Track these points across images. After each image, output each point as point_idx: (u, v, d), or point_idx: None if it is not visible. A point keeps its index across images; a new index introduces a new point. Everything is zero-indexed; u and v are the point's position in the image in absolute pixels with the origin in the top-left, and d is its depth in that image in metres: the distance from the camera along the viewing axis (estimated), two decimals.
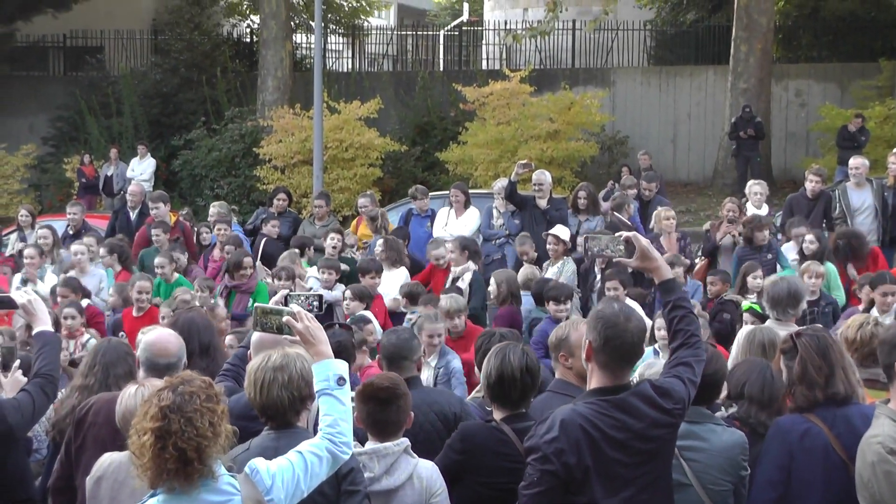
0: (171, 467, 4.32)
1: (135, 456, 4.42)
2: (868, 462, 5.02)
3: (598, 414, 5.08)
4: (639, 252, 5.56)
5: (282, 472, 4.63)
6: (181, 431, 4.31)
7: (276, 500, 4.56)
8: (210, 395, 4.45)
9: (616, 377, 5.18)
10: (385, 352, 6.91)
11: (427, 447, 5.91)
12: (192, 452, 4.32)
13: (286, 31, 29.64)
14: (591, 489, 5.04)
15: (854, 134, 24.10)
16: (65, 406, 6.84)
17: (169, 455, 4.30)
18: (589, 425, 5.05)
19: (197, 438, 4.33)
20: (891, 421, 5.07)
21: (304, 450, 4.76)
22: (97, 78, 31.93)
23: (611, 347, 5.13)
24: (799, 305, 8.77)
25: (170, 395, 4.38)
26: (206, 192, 27.65)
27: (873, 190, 15.46)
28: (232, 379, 6.69)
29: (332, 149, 25.86)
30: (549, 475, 5.02)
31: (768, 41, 27.41)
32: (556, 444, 5.01)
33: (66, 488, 6.39)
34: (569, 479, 5.03)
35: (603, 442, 5.05)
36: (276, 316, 5.29)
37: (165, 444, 4.30)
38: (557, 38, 31.55)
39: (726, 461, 5.72)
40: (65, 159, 29.03)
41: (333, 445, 4.80)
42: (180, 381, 4.47)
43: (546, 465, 5.02)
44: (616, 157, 28.41)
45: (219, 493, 4.45)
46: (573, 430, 5.03)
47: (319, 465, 4.76)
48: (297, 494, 4.68)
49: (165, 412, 4.34)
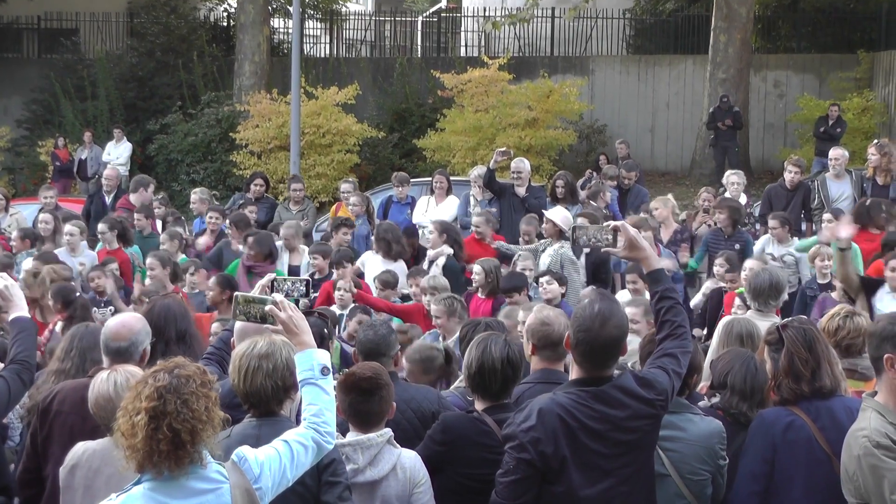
0: (164, 448, 4.25)
1: (123, 437, 4.33)
2: (854, 455, 5.00)
3: (577, 404, 5.08)
4: (626, 241, 5.54)
5: (269, 460, 4.61)
6: (177, 412, 4.25)
7: (263, 489, 4.55)
8: (205, 381, 4.41)
9: (594, 371, 5.17)
10: (362, 347, 6.83)
11: (404, 444, 5.85)
12: (187, 435, 4.27)
13: (264, 16, 29.50)
14: (569, 479, 5.04)
15: (831, 125, 24.18)
16: (40, 391, 6.75)
17: (162, 435, 4.24)
18: (567, 415, 5.05)
19: (192, 420, 4.27)
20: (878, 414, 5.04)
21: (290, 439, 4.75)
22: (72, 61, 31.65)
23: (583, 349, 5.15)
24: (780, 297, 8.75)
25: (166, 377, 4.33)
26: (182, 176, 27.58)
27: (852, 181, 15.51)
28: (216, 363, 6.64)
29: (310, 134, 25.83)
30: (524, 464, 5.04)
31: (747, 31, 27.43)
32: (533, 432, 5.02)
33: (33, 480, 6.31)
34: (545, 469, 5.04)
35: (581, 432, 5.05)
36: (258, 305, 5.25)
37: (160, 424, 4.24)
38: (536, 26, 31.45)
39: (704, 450, 5.71)
40: (39, 142, 28.86)
41: (318, 435, 4.80)
42: (175, 365, 4.42)
43: (522, 454, 5.04)
44: (594, 146, 28.44)
45: (207, 481, 4.40)
46: (550, 420, 5.03)
47: (305, 454, 4.75)
48: (283, 483, 4.68)
49: (161, 392, 4.28)
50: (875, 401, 5.14)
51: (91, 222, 16.25)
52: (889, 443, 4.93)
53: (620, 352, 5.23)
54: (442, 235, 13.20)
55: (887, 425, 4.99)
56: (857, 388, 6.63)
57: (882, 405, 5.09)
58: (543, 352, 6.14)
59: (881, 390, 5.16)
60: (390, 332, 7.02)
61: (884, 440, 4.94)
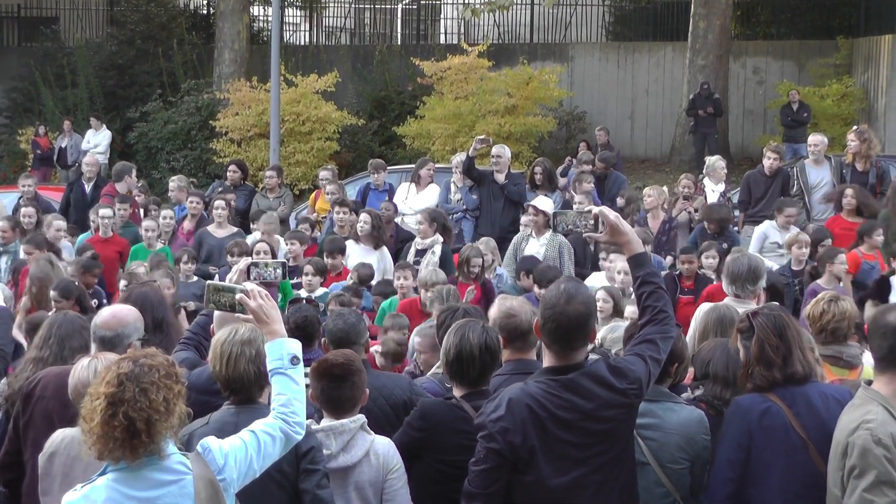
0: (118, 436, 4.25)
1: (84, 420, 4.35)
2: (852, 439, 5.01)
3: (546, 394, 5.09)
4: (608, 226, 5.50)
5: (234, 451, 4.59)
6: (133, 400, 4.25)
7: (228, 480, 4.53)
8: (170, 374, 4.39)
9: (564, 357, 5.18)
10: (332, 336, 6.81)
11: (376, 432, 5.83)
12: (142, 423, 4.26)
13: (243, 4, 29.40)
14: (538, 468, 5.06)
15: (796, 110, 24.32)
16: (18, 379, 6.76)
17: (118, 423, 4.24)
18: (536, 405, 5.06)
19: (148, 410, 4.26)
20: (884, 409, 5.03)
21: (258, 429, 4.72)
22: (52, 49, 31.48)
23: (549, 328, 5.16)
24: (758, 282, 8.73)
25: (129, 364, 4.33)
26: (162, 164, 27.50)
27: (832, 167, 15.51)
28: (193, 348, 6.63)
29: (289, 122, 25.76)
30: (494, 453, 5.07)
31: (727, 18, 27.47)
32: (502, 422, 5.05)
33: (13, 464, 6.35)
34: (514, 458, 5.06)
35: (549, 422, 5.06)
36: (228, 293, 5.22)
37: (116, 410, 4.24)
38: (516, 13, 31.41)
39: (683, 439, 5.71)
40: (19, 130, 28.73)
41: (287, 425, 4.76)
42: (143, 354, 4.42)
43: (491, 444, 5.07)
44: (574, 133, 28.41)
45: (169, 472, 4.40)
46: (519, 410, 5.05)
47: (273, 444, 4.72)
48: (250, 474, 4.66)
49: (122, 379, 4.28)
50: (880, 394, 5.12)
51: (71, 210, 16.25)
52: (890, 443, 4.94)
53: (588, 335, 5.23)
54: (432, 224, 13.16)
55: (893, 423, 5.01)
56: (842, 375, 6.64)
57: (887, 399, 5.09)
58: (514, 343, 6.11)
59: (886, 383, 5.14)
60: (359, 320, 7.02)
61: (886, 440, 4.95)
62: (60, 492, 5.38)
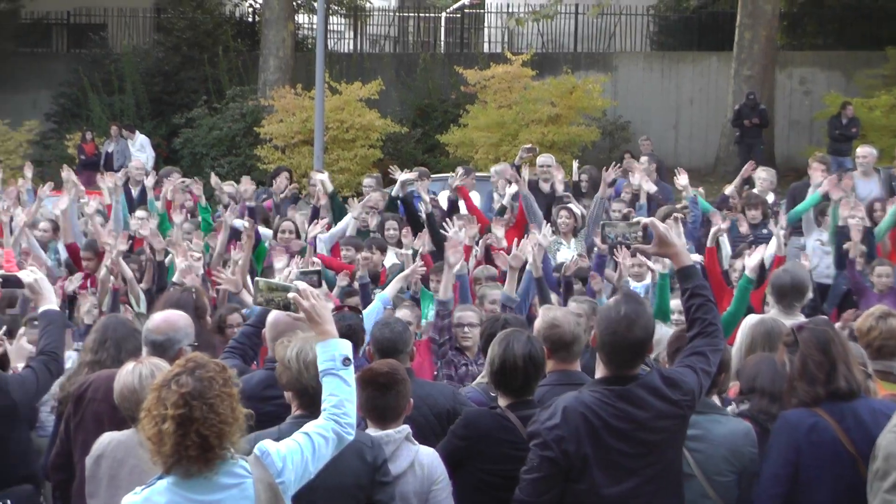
0: (193, 454, 4.28)
1: (151, 443, 4.34)
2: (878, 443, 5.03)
3: (602, 403, 5.09)
4: (657, 238, 5.49)
5: (291, 453, 4.59)
6: (204, 419, 4.27)
7: (286, 482, 4.53)
8: (227, 381, 4.41)
9: (620, 371, 5.18)
10: (378, 345, 6.82)
11: (420, 441, 5.83)
12: (215, 438, 4.29)
13: (288, 12, 29.63)
14: (592, 477, 5.05)
15: (846, 124, 24.06)
16: (73, 382, 6.81)
17: (191, 442, 4.26)
18: (591, 414, 5.06)
19: (220, 425, 4.30)
20: None
21: (311, 431, 4.72)
22: (100, 55, 31.83)
23: (609, 351, 5.16)
24: (804, 297, 8.61)
25: (189, 381, 4.32)
26: (207, 170, 27.48)
27: (880, 179, 15.36)
28: (239, 357, 6.66)
29: (333, 129, 25.85)
30: (548, 462, 5.05)
31: (773, 28, 27.33)
32: (557, 431, 5.04)
33: (65, 465, 6.41)
34: (568, 467, 5.05)
35: (604, 431, 5.05)
36: (281, 293, 5.21)
37: (187, 431, 4.26)
38: (560, 22, 31.44)
39: (729, 451, 5.65)
40: (67, 136, 28.97)
41: (339, 426, 4.76)
42: (195, 365, 4.40)
43: (546, 452, 5.05)
44: (617, 143, 28.34)
45: (230, 476, 4.42)
46: (574, 418, 5.05)
47: (326, 446, 4.72)
48: (306, 476, 4.66)
49: (187, 399, 4.28)
50: None
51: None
52: None
53: (647, 351, 5.23)
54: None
55: None
56: (893, 390, 6.58)
57: None
58: (558, 353, 6.12)
59: None
60: (405, 329, 7.04)
61: None
62: (107, 494, 5.45)
